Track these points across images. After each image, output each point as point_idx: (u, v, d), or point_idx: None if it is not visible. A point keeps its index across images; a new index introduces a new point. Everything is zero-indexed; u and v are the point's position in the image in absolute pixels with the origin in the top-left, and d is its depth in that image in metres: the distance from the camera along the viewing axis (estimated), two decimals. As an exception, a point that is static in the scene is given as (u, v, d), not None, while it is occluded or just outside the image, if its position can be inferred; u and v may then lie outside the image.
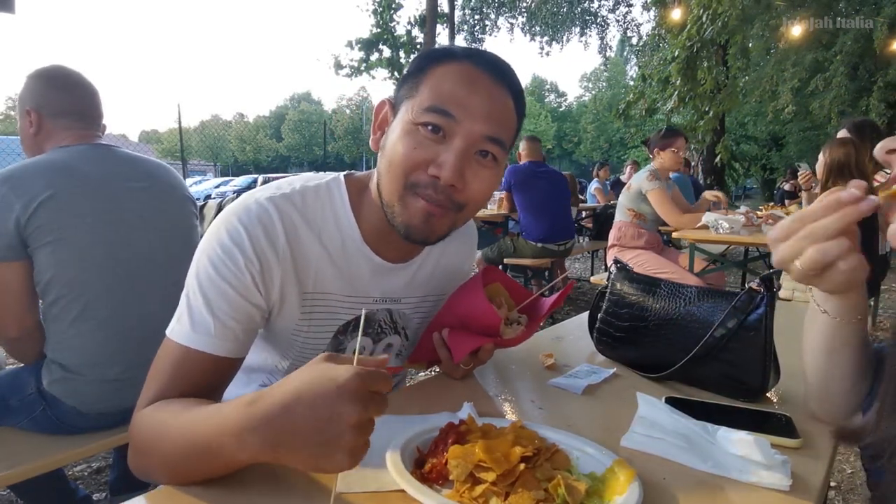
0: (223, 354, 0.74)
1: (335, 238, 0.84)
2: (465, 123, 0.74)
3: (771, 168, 24.53)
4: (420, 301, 0.97)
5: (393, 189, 0.77)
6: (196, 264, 0.77)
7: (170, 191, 1.51)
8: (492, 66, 0.77)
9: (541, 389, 0.92)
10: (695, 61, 8.86)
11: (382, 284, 0.89)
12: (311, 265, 0.82)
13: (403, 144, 0.75)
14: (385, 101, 0.83)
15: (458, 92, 0.74)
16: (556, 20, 19.89)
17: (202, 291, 0.74)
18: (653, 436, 0.71)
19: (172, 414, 0.66)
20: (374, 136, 0.83)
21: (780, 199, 9.13)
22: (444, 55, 0.78)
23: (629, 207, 3.42)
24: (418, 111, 0.74)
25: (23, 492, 1.56)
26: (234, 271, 0.75)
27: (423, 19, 14.57)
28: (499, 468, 0.56)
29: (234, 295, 0.75)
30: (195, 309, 0.74)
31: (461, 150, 0.74)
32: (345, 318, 0.88)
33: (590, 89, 52.78)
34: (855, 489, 2.10)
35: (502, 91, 0.77)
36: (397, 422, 0.74)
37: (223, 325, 0.74)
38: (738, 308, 0.86)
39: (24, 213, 1.24)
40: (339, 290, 0.85)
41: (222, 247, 0.75)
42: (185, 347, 0.72)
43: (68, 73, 1.46)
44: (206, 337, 0.72)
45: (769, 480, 0.62)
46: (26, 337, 1.35)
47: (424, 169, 0.75)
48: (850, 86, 12.53)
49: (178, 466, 0.62)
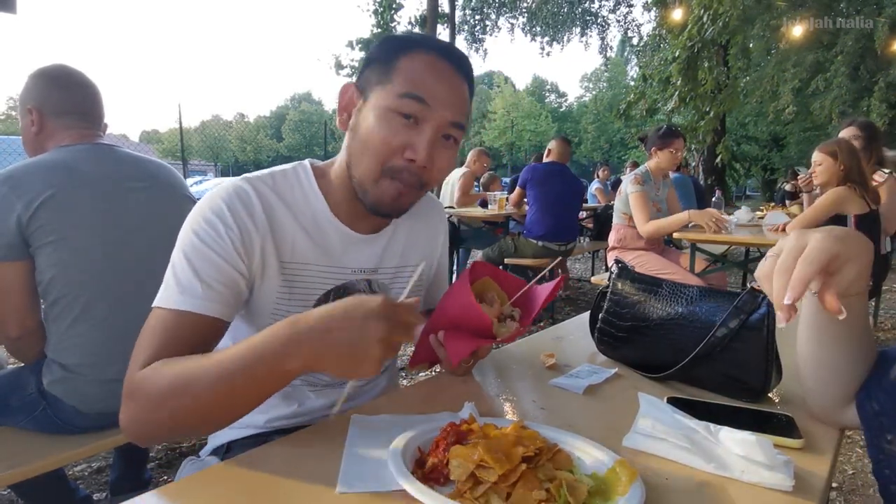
0: (212, 314, 0.78)
1: (306, 212, 0.90)
2: (436, 110, 0.82)
3: (771, 168, 24.52)
4: (396, 271, 1.01)
5: (368, 171, 0.84)
6: (180, 239, 0.82)
7: (171, 191, 1.51)
8: (453, 57, 0.85)
9: (542, 389, 0.92)
10: (695, 61, 8.87)
11: (356, 255, 0.94)
12: (288, 236, 0.88)
13: (380, 130, 0.81)
14: (350, 84, 0.89)
15: (428, 81, 0.82)
16: (556, 20, 19.91)
17: (188, 259, 0.79)
18: (655, 436, 0.70)
19: (192, 361, 0.69)
20: (341, 117, 0.89)
21: (782, 199, 9.12)
22: (410, 44, 0.84)
23: (623, 211, 3.42)
24: (394, 97, 0.81)
25: (23, 492, 1.56)
26: (217, 238, 0.80)
27: (424, 19, 14.56)
28: (500, 468, 0.55)
29: (219, 260, 0.80)
30: (182, 276, 0.78)
31: (432, 135, 0.82)
32: (324, 287, 0.92)
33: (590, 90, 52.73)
34: (857, 490, 2.09)
35: (461, 80, 0.86)
36: (398, 421, 0.74)
37: (210, 287, 0.78)
38: (740, 308, 0.86)
39: (26, 213, 1.24)
40: (316, 260, 0.90)
41: (205, 219, 0.82)
42: (175, 311, 0.76)
43: (70, 72, 1.46)
44: (194, 299, 0.77)
45: (772, 481, 0.62)
46: (27, 337, 1.35)
47: (400, 153, 0.82)
48: (851, 86, 12.53)
49: (218, 398, 0.67)
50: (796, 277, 0.60)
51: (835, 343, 0.74)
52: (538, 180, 4.21)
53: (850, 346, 0.73)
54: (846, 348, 0.74)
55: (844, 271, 0.62)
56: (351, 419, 0.75)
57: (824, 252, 0.61)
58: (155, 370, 0.71)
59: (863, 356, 0.74)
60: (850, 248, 0.62)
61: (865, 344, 0.74)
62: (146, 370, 0.71)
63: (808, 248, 0.62)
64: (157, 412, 0.69)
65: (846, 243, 0.62)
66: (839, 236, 0.62)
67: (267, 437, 0.93)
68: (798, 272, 0.61)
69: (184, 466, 0.94)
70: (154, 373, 0.71)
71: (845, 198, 2.88)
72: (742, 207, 4.31)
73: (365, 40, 15.52)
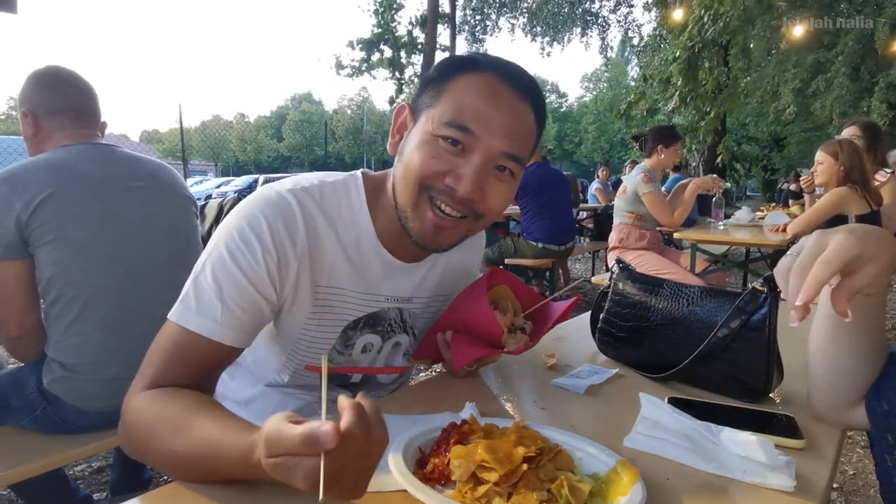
0: (226, 343, 0.73)
1: (350, 234, 0.84)
2: (484, 140, 0.74)
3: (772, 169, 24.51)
4: (429, 301, 0.97)
5: (407, 194, 0.77)
6: (210, 250, 0.76)
7: (170, 191, 1.51)
8: (514, 80, 0.76)
9: (543, 389, 0.91)
10: (696, 62, 8.87)
11: (394, 283, 0.89)
12: (327, 259, 0.82)
13: (421, 154, 0.75)
14: (405, 105, 0.83)
15: (479, 107, 0.74)
16: (557, 20, 19.89)
17: (214, 276, 0.73)
18: (656, 436, 0.70)
19: (172, 419, 0.65)
20: (392, 139, 0.83)
21: (785, 199, 9.11)
22: (467, 64, 0.77)
23: (628, 210, 3.41)
24: (438, 124, 0.74)
25: (23, 491, 1.56)
26: (251, 260, 0.74)
27: (425, 19, 14.57)
28: (501, 468, 0.55)
29: (247, 284, 0.74)
30: (203, 293, 0.73)
31: (479, 166, 0.74)
32: (355, 314, 0.88)
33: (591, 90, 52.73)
34: (857, 490, 2.09)
35: (524, 105, 0.77)
36: (400, 421, 0.73)
37: (230, 313, 0.73)
38: (742, 308, 0.86)
39: (25, 212, 1.24)
40: (351, 285, 0.85)
41: (241, 235, 0.75)
42: (187, 331, 0.71)
43: (61, 71, 1.45)
44: (211, 323, 0.72)
45: (773, 482, 0.62)
46: (27, 336, 1.35)
47: (441, 178, 0.75)
48: (852, 86, 12.51)
49: (176, 468, 0.63)
50: (811, 279, 0.60)
51: (849, 341, 0.73)
52: (532, 186, 4.20)
53: (863, 345, 0.73)
54: (859, 347, 0.73)
55: (864, 272, 0.61)
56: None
57: (843, 255, 0.59)
58: (147, 405, 0.68)
59: (875, 356, 0.74)
60: (870, 248, 0.60)
61: (878, 344, 0.74)
62: (142, 401, 0.68)
63: (827, 249, 0.61)
64: (140, 445, 0.68)
65: (866, 243, 0.60)
66: (861, 237, 0.60)
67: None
68: (814, 274, 0.60)
69: (184, 466, 0.94)
70: (146, 409, 0.68)
71: (846, 198, 2.88)
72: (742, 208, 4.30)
73: (366, 40, 15.51)
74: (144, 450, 0.67)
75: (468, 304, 0.90)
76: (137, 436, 0.68)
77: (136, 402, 0.69)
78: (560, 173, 4.57)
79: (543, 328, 0.94)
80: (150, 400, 0.68)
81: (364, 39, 15.62)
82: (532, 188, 4.19)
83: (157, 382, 0.70)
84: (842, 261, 0.60)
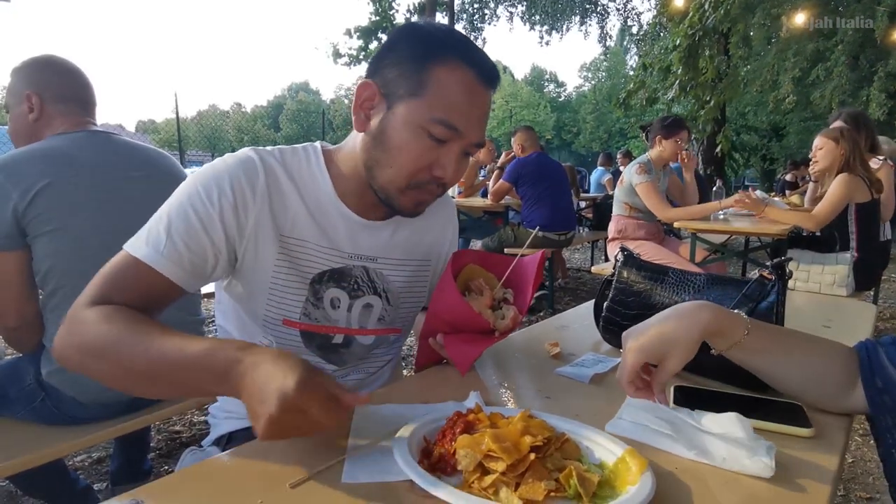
0: (164, 273, 0.78)
1: (311, 192, 0.90)
2: (466, 136, 0.82)
3: (771, 158, 24.46)
4: (399, 263, 0.99)
5: (395, 183, 0.84)
6: (172, 195, 0.83)
7: (169, 179, 1.49)
8: (488, 75, 0.83)
9: (547, 378, 0.91)
10: (696, 50, 8.81)
11: (356, 241, 0.93)
12: (289, 211, 0.87)
13: (410, 150, 0.81)
14: (370, 83, 0.84)
15: (463, 106, 0.81)
16: (555, 9, 19.72)
17: (168, 214, 0.80)
18: (638, 422, 0.70)
19: (133, 328, 0.70)
20: (357, 116, 0.86)
21: (781, 189, 9.11)
22: (446, 51, 0.80)
23: (623, 201, 3.40)
24: (428, 119, 0.80)
25: (22, 483, 1.56)
26: (206, 202, 0.81)
27: (423, 7, 14.45)
28: (509, 458, 0.54)
29: (196, 222, 0.80)
30: (154, 227, 0.80)
31: (458, 155, 0.84)
32: (320, 267, 0.91)
33: (589, 79, 52.39)
34: (857, 478, 2.10)
35: (490, 96, 0.85)
36: (403, 411, 0.73)
37: (174, 246, 0.78)
38: (749, 296, 0.85)
39: (22, 202, 1.22)
40: (314, 239, 0.90)
41: (202, 181, 0.82)
42: (133, 258, 0.78)
43: (65, 60, 1.46)
44: (154, 252, 0.78)
45: (753, 469, 0.60)
46: (25, 327, 1.34)
47: (429, 171, 0.83)
48: (851, 76, 12.45)
49: (135, 378, 0.71)
50: (622, 384, 0.74)
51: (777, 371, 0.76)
52: (530, 175, 4.19)
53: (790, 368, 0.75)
54: (789, 370, 0.76)
55: (667, 365, 0.71)
56: (354, 409, 0.74)
57: (630, 368, 0.72)
58: (99, 320, 0.72)
59: (820, 360, 0.75)
60: (660, 348, 0.71)
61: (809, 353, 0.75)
62: (94, 311, 0.73)
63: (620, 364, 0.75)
64: (79, 354, 0.73)
65: (656, 345, 0.71)
66: (643, 345, 0.71)
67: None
68: (619, 381, 0.74)
69: (184, 457, 0.94)
70: (97, 320, 0.72)
71: (855, 186, 2.87)
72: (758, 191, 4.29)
73: (363, 28, 15.39)
74: (94, 358, 0.72)
75: (443, 302, 0.89)
76: (83, 344, 0.72)
77: (85, 313, 0.73)
78: (557, 162, 4.56)
79: (525, 290, 0.93)
80: (104, 312, 0.72)
81: (362, 27, 15.51)
82: (531, 176, 4.18)
83: (103, 301, 0.75)
84: (631, 372, 0.72)
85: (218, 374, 0.64)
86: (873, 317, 1.33)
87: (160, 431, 2.31)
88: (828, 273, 2.94)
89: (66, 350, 0.74)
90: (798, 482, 0.61)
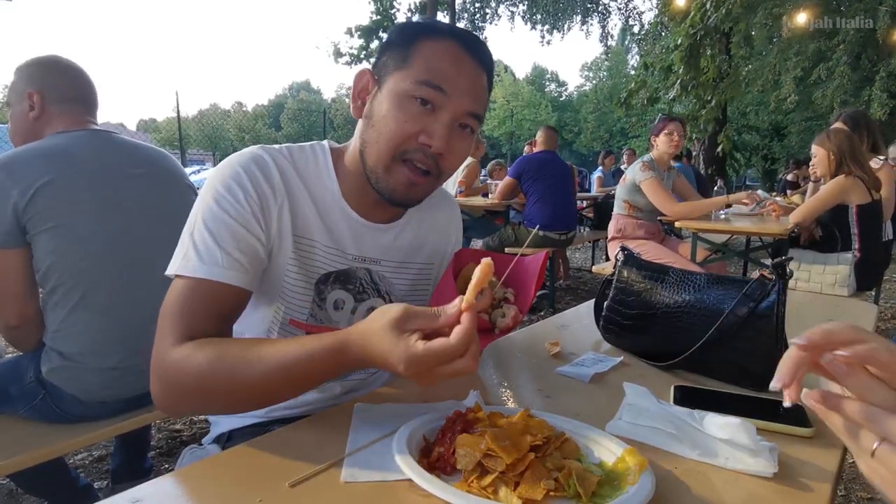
0: (234, 283, 0.77)
1: (318, 189, 0.89)
2: (453, 99, 0.80)
3: (772, 158, 24.43)
4: (400, 265, 0.98)
5: (381, 157, 0.82)
6: (198, 205, 0.81)
7: (170, 178, 1.49)
8: (473, 47, 0.83)
9: (547, 378, 0.91)
10: (698, 49, 8.80)
11: (359, 243, 0.93)
12: (300, 209, 0.87)
13: (395, 118, 0.80)
14: (365, 70, 0.87)
15: (447, 69, 0.80)
16: (557, 8, 19.68)
17: (206, 227, 0.78)
18: (639, 423, 0.70)
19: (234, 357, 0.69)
20: (355, 104, 0.88)
21: (783, 189, 9.10)
22: (430, 30, 0.82)
23: (624, 199, 3.41)
24: (411, 82, 0.79)
25: (23, 481, 1.56)
26: (236, 205, 0.80)
27: (424, 6, 14.43)
28: (508, 457, 0.54)
29: (238, 227, 0.79)
30: (200, 244, 0.77)
31: (448, 123, 0.80)
32: (326, 268, 0.91)
33: (590, 79, 52.32)
34: (857, 478, 2.10)
35: (481, 70, 0.84)
36: (402, 410, 0.73)
37: (230, 256, 0.77)
38: (749, 296, 0.85)
39: (22, 200, 1.22)
40: (321, 239, 0.89)
41: (224, 185, 0.81)
42: (195, 280, 0.75)
43: (68, 60, 1.46)
44: (215, 267, 0.76)
45: (755, 468, 0.61)
46: (26, 325, 1.34)
47: (415, 139, 0.81)
48: (853, 75, 12.44)
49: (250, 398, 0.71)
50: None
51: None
52: (533, 172, 4.20)
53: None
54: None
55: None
56: (354, 408, 0.74)
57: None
58: (189, 356, 0.70)
59: None
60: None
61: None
62: (180, 353, 0.71)
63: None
64: (185, 398, 0.72)
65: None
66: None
67: (268, 427, 0.92)
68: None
69: (185, 455, 0.93)
70: (189, 358, 0.70)
71: (847, 187, 2.86)
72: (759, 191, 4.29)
73: (364, 27, 15.37)
74: (201, 396, 0.72)
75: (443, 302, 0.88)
76: (190, 386, 0.71)
77: (175, 356, 0.71)
78: (564, 162, 4.56)
79: (527, 289, 0.92)
80: (195, 350, 0.71)
81: (363, 27, 15.49)
82: (533, 173, 4.18)
83: (184, 337, 0.73)
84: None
85: (336, 359, 0.65)
86: (874, 317, 1.33)
87: (161, 430, 2.31)
88: (829, 273, 2.94)
89: (168, 400, 0.74)
90: (798, 482, 0.61)
